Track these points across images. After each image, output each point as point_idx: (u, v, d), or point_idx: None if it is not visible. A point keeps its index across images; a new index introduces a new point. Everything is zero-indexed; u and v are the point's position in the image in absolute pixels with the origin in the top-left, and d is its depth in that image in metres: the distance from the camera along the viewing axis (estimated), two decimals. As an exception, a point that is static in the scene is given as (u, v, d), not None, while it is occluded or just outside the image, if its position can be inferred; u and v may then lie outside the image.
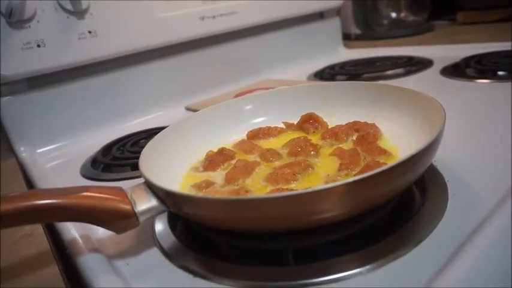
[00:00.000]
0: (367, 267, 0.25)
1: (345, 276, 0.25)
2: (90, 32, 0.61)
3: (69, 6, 0.59)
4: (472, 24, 1.01)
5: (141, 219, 0.29)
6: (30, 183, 0.52)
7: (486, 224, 0.26)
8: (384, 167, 0.24)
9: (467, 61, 0.67)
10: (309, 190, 0.23)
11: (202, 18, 0.73)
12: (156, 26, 0.68)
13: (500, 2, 0.98)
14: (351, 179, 0.23)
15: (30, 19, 0.56)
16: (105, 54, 0.64)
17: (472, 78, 0.61)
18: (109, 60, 0.65)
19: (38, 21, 0.57)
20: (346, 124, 0.42)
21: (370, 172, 0.24)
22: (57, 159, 0.59)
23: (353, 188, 0.24)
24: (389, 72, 0.73)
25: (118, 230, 0.29)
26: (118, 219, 0.28)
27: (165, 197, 0.28)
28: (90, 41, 0.61)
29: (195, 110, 0.72)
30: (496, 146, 0.39)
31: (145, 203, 0.29)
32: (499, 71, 0.60)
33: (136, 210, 0.28)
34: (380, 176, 0.24)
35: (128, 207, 0.28)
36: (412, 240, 0.26)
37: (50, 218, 0.27)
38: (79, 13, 0.60)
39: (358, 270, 0.25)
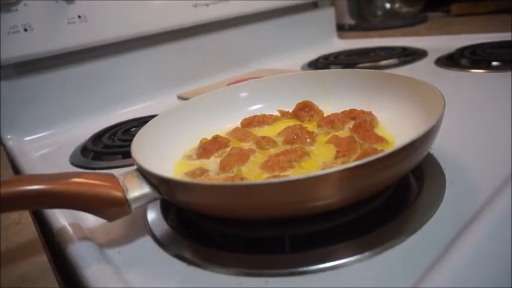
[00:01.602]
0: (364, 254, 0.25)
1: (341, 263, 0.24)
2: (79, 17, 0.60)
3: (57, -10, 0.57)
4: (466, 16, 1.01)
5: (133, 206, 0.28)
6: (18, 173, 0.51)
7: (484, 212, 0.26)
8: (383, 153, 0.23)
9: (462, 51, 0.67)
10: (307, 176, 0.23)
11: (195, 5, 0.72)
12: (148, 12, 0.66)
13: (494, -6, 0.98)
14: (349, 165, 0.23)
15: (17, 2, 0.54)
16: (95, 40, 0.62)
17: (466, 68, 0.61)
18: (99, 46, 0.63)
19: (25, 5, 0.55)
20: (342, 112, 0.41)
21: (368, 158, 0.23)
22: (46, 148, 0.58)
23: (351, 174, 0.23)
24: (384, 62, 0.72)
25: (109, 218, 0.28)
26: (109, 206, 0.27)
27: (158, 183, 0.28)
28: (79, 26, 0.60)
29: (187, 99, 0.70)
30: (492, 134, 0.39)
31: (137, 190, 0.28)
32: (493, 61, 0.59)
33: (128, 197, 0.27)
34: (378, 162, 0.23)
35: (119, 194, 0.27)
36: (409, 228, 0.26)
37: (39, 204, 0.26)
38: (68, -3, 0.58)
39: (355, 257, 0.24)
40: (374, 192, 0.27)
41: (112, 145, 0.51)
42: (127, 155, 0.46)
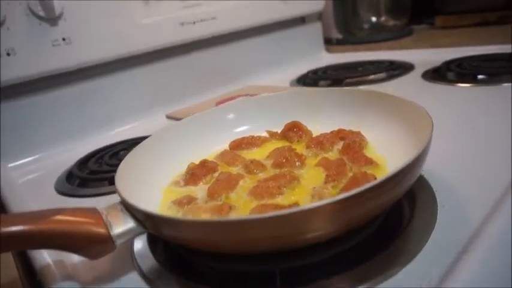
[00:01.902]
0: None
1: (335, 298, 0.23)
2: (64, 39, 0.59)
3: (41, 12, 0.56)
4: (450, 29, 1.03)
5: (118, 242, 0.27)
6: (1, 201, 0.49)
7: (477, 237, 0.25)
8: (372, 183, 0.23)
9: (448, 65, 0.67)
10: (294, 210, 0.22)
11: (182, 23, 0.72)
12: (134, 31, 0.66)
13: (477, 7, 1.00)
14: (339, 197, 0.22)
15: (-1, 26, 0.53)
16: (80, 62, 0.61)
17: (453, 82, 0.61)
18: (85, 68, 0.62)
19: (8, 28, 0.54)
20: (331, 132, 0.41)
21: (358, 189, 0.22)
22: (30, 174, 0.56)
23: (341, 205, 0.23)
24: (372, 76, 0.73)
25: (93, 256, 0.27)
26: (93, 244, 0.26)
27: (143, 218, 0.27)
28: (64, 49, 0.59)
29: (176, 118, 0.70)
30: (481, 151, 0.39)
31: (121, 225, 0.27)
32: (479, 74, 0.60)
33: (112, 234, 0.26)
34: (369, 192, 0.23)
35: (103, 230, 0.26)
36: (402, 258, 0.25)
37: (19, 246, 0.25)
38: (52, 19, 0.57)
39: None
40: (367, 220, 0.26)
41: (98, 170, 0.50)
42: (113, 181, 0.45)
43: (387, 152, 0.36)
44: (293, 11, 0.91)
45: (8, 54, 0.54)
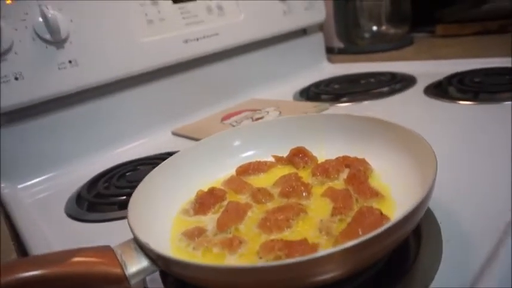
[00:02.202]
0: None
1: None
2: (70, 62, 0.60)
3: (47, 36, 0.57)
4: (451, 37, 1.03)
5: (133, 282, 0.27)
6: (11, 223, 0.50)
7: (484, 275, 0.26)
8: (380, 230, 0.24)
9: (450, 80, 0.68)
10: (303, 259, 0.23)
11: (186, 41, 0.72)
12: (138, 51, 0.67)
13: (477, 15, 1.01)
14: (348, 244, 0.23)
15: (7, 51, 0.54)
16: (87, 83, 0.62)
17: (454, 99, 0.62)
18: (91, 88, 0.63)
19: (16, 53, 0.55)
20: (336, 159, 0.42)
21: (366, 236, 0.23)
22: (40, 194, 0.57)
23: (350, 252, 0.23)
24: (374, 91, 0.73)
25: (108, 295, 0.27)
26: (109, 284, 0.27)
27: (157, 258, 0.27)
28: (70, 71, 0.60)
29: (181, 135, 0.71)
30: (484, 178, 0.39)
31: (136, 265, 0.28)
32: (481, 92, 0.61)
33: (127, 274, 0.27)
34: (377, 238, 0.24)
35: (118, 270, 0.27)
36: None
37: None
38: (58, 43, 0.58)
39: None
40: (375, 261, 0.27)
41: (107, 194, 0.50)
42: (123, 205, 0.46)
43: (392, 181, 0.37)
44: (294, 23, 0.91)
45: (16, 79, 0.55)
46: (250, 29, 0.82)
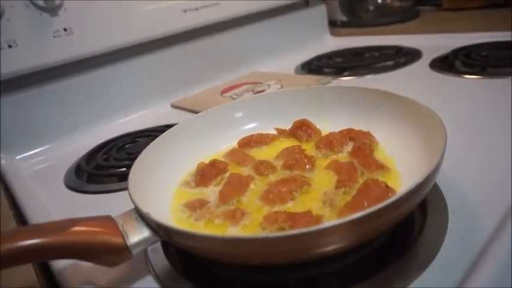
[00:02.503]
0: None
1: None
2: (65, 30, 0.58)
3: (41, 3, 0.55)
4: (458, 11, 1.01)
5: (134, 252, 0.27)
6: (10, 194, 0.50)
7: (489, 248, 0.26)
8: (387, 202, 0.23)
9: (456, 54, 0.66)
10: (308, 230, 0.22)
11: (185, 10, 0.70)
12: (137, 20, 0.65)
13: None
14: (354, 216, 0.22)
15: (-1, 17, 0.52)
16: (83, 53, 0.60)
17: (461, 73, 0.60)
18: (88, 58, 0.61)
19: (8, 20, 0.53)
20: (340, 132, 0.41)
21: (372, 208, 0.23)
22: (38, 165, 0.57)
23: (356, 223, 0.23)
24: (378, 65, 0.72)
25: (109, 265, 0.27)
26: (110, 254, 0.26)
27: (157, 228, 0.27)
28: (66, 39, 0.58)
29: (181, 107, 0.69)
30: (491, 151, 0.39)
31: (137, 235, 0.27)
32: (488, 66, 0.59)
33: (128, 244, 0.27)
34: (384, 210, 0.23)
35: (119, 240, 0.27)
36: (414, 269, 0.26)
37: (37, 258, 0.26)
38: (52, 9, 0.56)
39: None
40: (380, 233, 0.27)
41: (107, 165, 0.50)
42: (123, 177, 0.45)
43: (397, 154, 0.36)
44: (298, -6, 0.88)
45: (10, 46, 0.53)
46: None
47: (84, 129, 0.62)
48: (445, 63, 0.66)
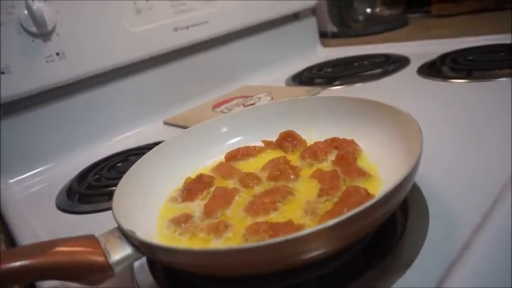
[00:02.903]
0: None
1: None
2: (58, 54, 0.59)
3: (33, 29, 0.56)
4: (447, 17, 1.02)
5: (116, 269, 0.27)
6: (1, 218, 0.50)
7: (468, 250, 0.26)
8: (362, 207, 0.23)
9: (443, 59, 0.67)
10: (287, 238, 0.22)
11: (175, 29, 0.72)
12: (128, 41, 0.66)
13: (473, -7, 0.99)
14: (330, 222, 0.23)
15: (-8, 45, 0.54)
16: (76, 75, 0.61)
17: (447, 78, 0.61)
18: (80, 80, 0.63)
19: (1, 47, 0.55)
20: (325, 141, 0.41)
21: (348, 214, 0.23)
22: (31, 188, 0.57)
23: (334, 229, 0.23)
24: (367, 73, 0.73)
25: (92, 283, 0.27)
26: (92, 272, 0.27)
27: (140, 245, 0.27)
28: (59, 64, 0.59)
29: (173, 124, 0.70)
30: (473, 155, 0.39)
31: (119, 252, 0.28)
32: (474, 70, 0.60)
33: (110, 262, 0.27)
34: (360, 214, 0.23)
35: (101, 259, 0.27)
36: (398, 268, 0.26)
37: (20, 280, 0.26)
38: (45, 35, 0.58)
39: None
40: (361, 237, 0.27)
41: (98, 185, 0.50)
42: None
43: (380, 161, 0.37)
44: (285, 8, 0.90)
45: (3, 73, 0.55)
46: (240, 15, 0.81)
47: (78, 151, 0.63)
48: (432, 69, 0.66)
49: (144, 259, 0.33)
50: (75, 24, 0.60)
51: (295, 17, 0.96)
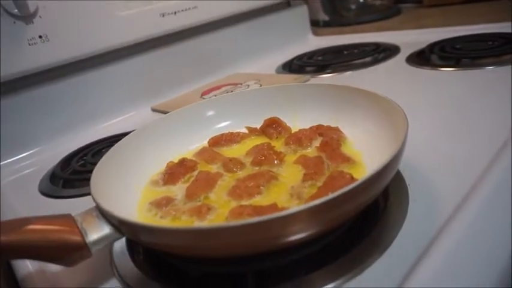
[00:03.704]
0: (337, 282, 0.25)
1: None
2: (40, 37, 0.58)
3: (15, 10, 0.55)
4: (439, 6, 1.02)
5: (94, 249, 0.27)
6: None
7: (444, 232, 0.26)
8: (345, 189, 0.23)
9: (432, 48, 0.67)
10: (269, 217, 0.22)
11: (163, 14, 0.70)
12: (114, 25, 0.65)
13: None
14: (314, 203, 0.22)
15: (-28, 26, 0.52)
16: (59, 59, 0.60)
17: (436, 66, 0.61)
18: (66, 64, 0.62)
19: (-18, 29, 0.53)
20: (310, 128, 0.41)
21: (332, 195, 0.23)
22: (14, 174, 0.56)
23: (317, 210, 0.23)
24: (357, 61, 0.72)
25: (68, 264, 0.27)
26: (68, 252, 0.26)
27: (119, 224, 0.27)
28: (41, 46, 0.58)
29: (161, 111, 0.69)
30: (457, 142, 0.39)
31: (97, 232, 0.27)
32: (462, 58, 0.60)
33: (87, 241, 0.26)
34: (343, 196, 0.23)
35: (77, 238, 0.26)
36: (372, 254, 0.26)
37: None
38: (27, 17, 0.56)
39: (327, 287, 0.24)
40: (344, 221, 0.27)
41: (82, 170, 0.50)
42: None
43: (365, 148, 0.36)
44: (277, -5, 0.89)
45: (-16, 55, 0.53)
46: (230, 1, 0.80)
47: (63, 136, 0.62)
48: (421, 58, 0.66)
49: (123, 243, 0.33)
50: (59, 6, 0.58)
51: (286, 4, 0.95)
